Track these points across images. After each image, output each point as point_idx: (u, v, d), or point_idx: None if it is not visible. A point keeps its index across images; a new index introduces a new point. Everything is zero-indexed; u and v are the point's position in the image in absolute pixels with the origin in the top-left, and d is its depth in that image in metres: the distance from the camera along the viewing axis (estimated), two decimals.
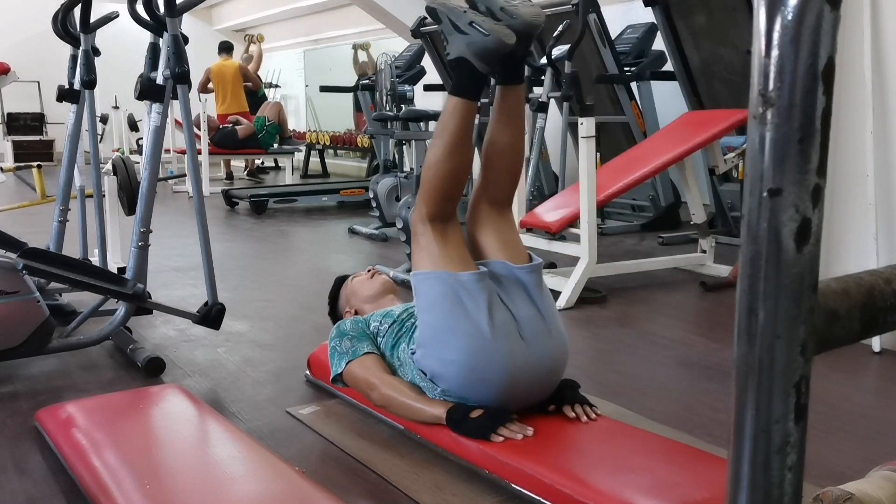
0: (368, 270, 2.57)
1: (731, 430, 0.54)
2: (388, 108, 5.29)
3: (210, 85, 9.56)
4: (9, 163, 9.22)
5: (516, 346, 1.90)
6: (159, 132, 2.70)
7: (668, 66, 5.43)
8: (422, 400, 1.98)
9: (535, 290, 1.98)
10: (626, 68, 5.53)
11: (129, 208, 3.08)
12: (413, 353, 2.00)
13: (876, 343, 2.78)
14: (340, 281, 2.62)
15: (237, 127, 9.09)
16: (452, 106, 1.96)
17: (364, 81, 8.02)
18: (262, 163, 10.74)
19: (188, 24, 9.24)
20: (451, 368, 1.91)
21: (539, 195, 5.30)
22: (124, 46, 8.55)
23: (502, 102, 2.07)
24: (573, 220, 3.74)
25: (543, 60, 4.90)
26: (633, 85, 5.56)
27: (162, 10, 2.65)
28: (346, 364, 2.13)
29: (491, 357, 1.87)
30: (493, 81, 2.10)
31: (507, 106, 2.06)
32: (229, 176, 9.68)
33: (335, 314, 2.58)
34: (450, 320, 1.90)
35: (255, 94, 9.96)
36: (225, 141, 8.96)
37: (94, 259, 3.42)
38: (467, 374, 1.89)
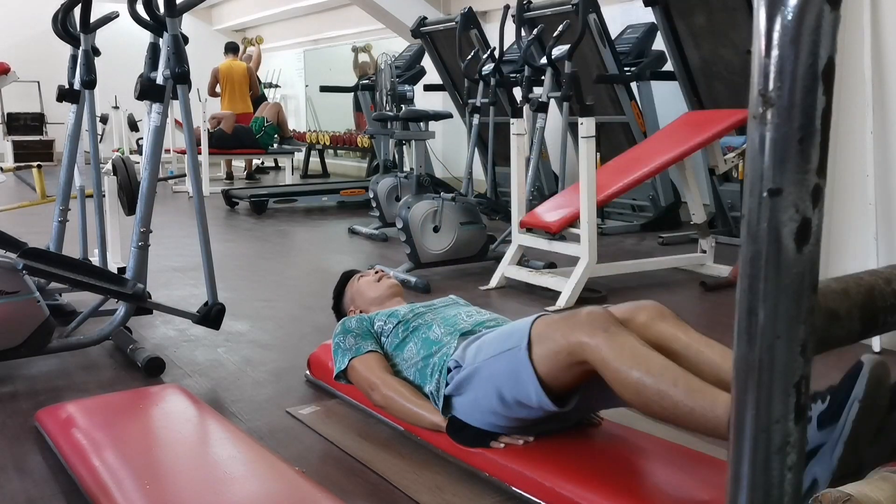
0: (377, 272, 2.52)
1: (732, 430, 0.54)
2: (388, 108, 5.29)
3: (217, 87, 9.54)
4: (9, 163, 9.23)
5: (563, 425, 1.89)
6: (159, 132, 2.70)
7: (668, 66, 5.43)
8: (422, 405, 1.98)
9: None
10: (626, 68, 5.53)
11: (129, 208, 3.08)
12: (457, 367, 1.89)
13: (876, 343, 2.78)
14: (347, 277, 2.57)
15: (220, 126, 8.99)
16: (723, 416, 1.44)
17: (364, 81, 8.02)
18: (262, 163, 10.74)
19: (188, 24, 9.27)
20: (485, 419, 1.86)
21: (539, 195, 5.30)
22: (124, 46, 8.56)
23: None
24: (573, 220, 3.74)
25: (543, 60, 4.89)
26: (633, 85, 5.56)
27: (162, 10, 2.65)
28: (349, 361, 2.13)
29: (532, 428, 1.85)
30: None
31: None
32: (229, 176, 9.67)
33: (339, 309, 2.56)
34: (516, 407, 1.78)
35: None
36: (219, 143, 8.87)
37: (94, 259, 3.42)
38: (500, 430, 1.86)
